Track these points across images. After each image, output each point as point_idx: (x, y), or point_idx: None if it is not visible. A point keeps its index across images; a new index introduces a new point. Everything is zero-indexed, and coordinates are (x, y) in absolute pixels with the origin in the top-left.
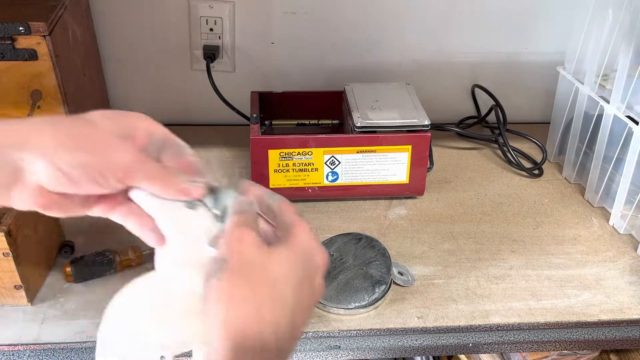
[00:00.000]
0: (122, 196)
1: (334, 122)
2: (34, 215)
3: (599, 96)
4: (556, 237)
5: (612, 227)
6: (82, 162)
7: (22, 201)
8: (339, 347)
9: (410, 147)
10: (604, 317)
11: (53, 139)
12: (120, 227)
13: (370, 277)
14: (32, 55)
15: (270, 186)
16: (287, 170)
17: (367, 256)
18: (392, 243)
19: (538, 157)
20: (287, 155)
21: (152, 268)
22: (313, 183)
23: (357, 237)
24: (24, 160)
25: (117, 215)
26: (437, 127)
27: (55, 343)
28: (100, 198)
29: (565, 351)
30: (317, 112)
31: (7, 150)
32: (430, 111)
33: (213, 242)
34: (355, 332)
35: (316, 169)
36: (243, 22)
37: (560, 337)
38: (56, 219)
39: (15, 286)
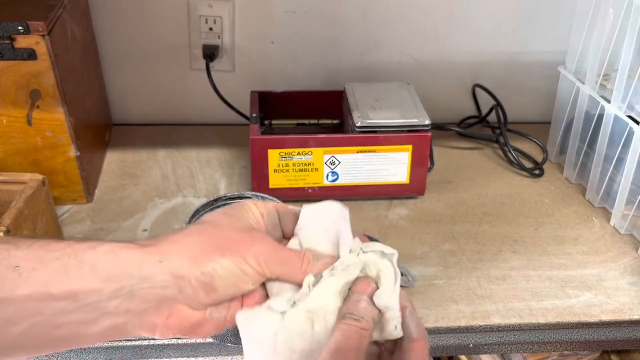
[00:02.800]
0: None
1: (334, 122)
2: (32, 215)
3: (600, 96)
4: (557, 237)
5: (613, 227)
6: (224, 267)
7: (167, 328)
8: None
9: (410, 147)
10: (605, 317)
11: (188, 257)
12: (118, 227)
13: None
14: (31, 54)
15: (270, 186)
16: (287, 170)
17: None
18: (393, 243)
19: (539, 157)
20: (287, 155)
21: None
22: (313, 183)
23: None
24: (168, 288)
25: None
26: (438, 127)
27: None
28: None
29: (566, 352)
30: (317, 112)
31: (149, 280)
32: (431, 111)
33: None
34: None
35: (316, 169)
36: (243, 22)
37: (561, 337)
38: (55, 219)
39: None
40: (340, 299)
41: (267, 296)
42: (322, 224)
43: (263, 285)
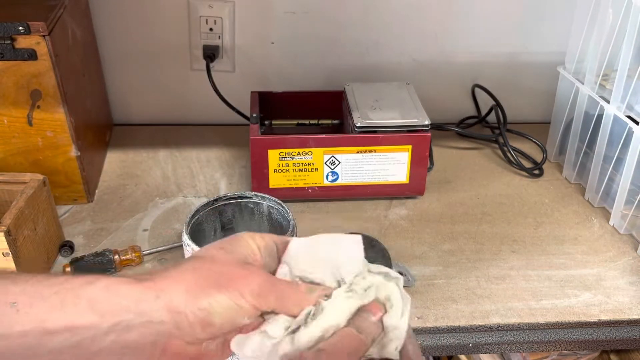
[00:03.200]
0: None
1: (334, 122)
2: (33, 215)
3: (599, 96)
4: (556, 237)
5: (613, 227)
6: (220, 303)
7: None
8: None
9: (410, 147)
10: (604, 317)
11: (185, 293)
12: (119, 227)
13: None
14: (31, 55)
15: (270, 186)
16: (287, 170)
17: (367, 256)
18: (392, 243)
19: (538, 157)
20: (287, 155)
21: (151, 268)
22: (313, 183)
23: None
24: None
25: None
26: (438, 127)
27: None
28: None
29: (566, 351)
30: (317, 112)
31: (147, 315)
32: (431, 111)
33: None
34: None
35: (316, 169)
36: (243, 22)
37: (560, 337)
38: (56, 219)
39: None
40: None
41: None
42: (314, 254)
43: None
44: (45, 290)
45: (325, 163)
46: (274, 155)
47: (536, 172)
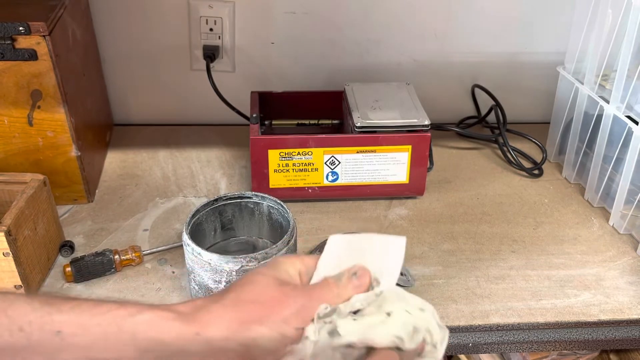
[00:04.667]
0: None
1: (334, 122)
2: (33, 215)
3: (599, 96)
4: (556, 237)
5: (612, 227)
6: (262, 335)
7: None
8: None
9: (410, 147)
10: (604, 317)
11: (226, 330)
12: (119, 227)
13: None
14: (32, 55)
15: (270, 186)
16: (287, 170)
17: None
18: None
19: (538, 157)
20: (287, 155)
21: (151, 268)
22: (313, 183)
23: None
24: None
25: None
26: (437, 127)
27: None
28: None
29: (565, 351)
30: (317, 112)
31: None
32: (430, 111)
33: None
34: None
35: (316, 169)
36: (243, 22)
37: (560, 337)
38: (56, 219)
39: (15, 286)
40: None
41: None
42: (353, 253)
43: None
44: (89, 320)
45: (325, 163)
46: (274, 155)
47: (536, 172)
